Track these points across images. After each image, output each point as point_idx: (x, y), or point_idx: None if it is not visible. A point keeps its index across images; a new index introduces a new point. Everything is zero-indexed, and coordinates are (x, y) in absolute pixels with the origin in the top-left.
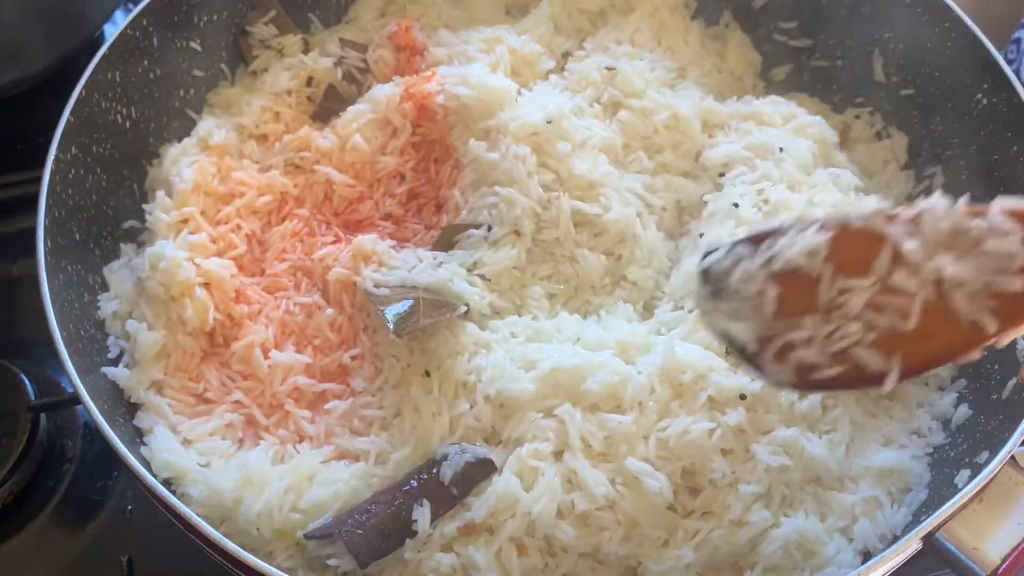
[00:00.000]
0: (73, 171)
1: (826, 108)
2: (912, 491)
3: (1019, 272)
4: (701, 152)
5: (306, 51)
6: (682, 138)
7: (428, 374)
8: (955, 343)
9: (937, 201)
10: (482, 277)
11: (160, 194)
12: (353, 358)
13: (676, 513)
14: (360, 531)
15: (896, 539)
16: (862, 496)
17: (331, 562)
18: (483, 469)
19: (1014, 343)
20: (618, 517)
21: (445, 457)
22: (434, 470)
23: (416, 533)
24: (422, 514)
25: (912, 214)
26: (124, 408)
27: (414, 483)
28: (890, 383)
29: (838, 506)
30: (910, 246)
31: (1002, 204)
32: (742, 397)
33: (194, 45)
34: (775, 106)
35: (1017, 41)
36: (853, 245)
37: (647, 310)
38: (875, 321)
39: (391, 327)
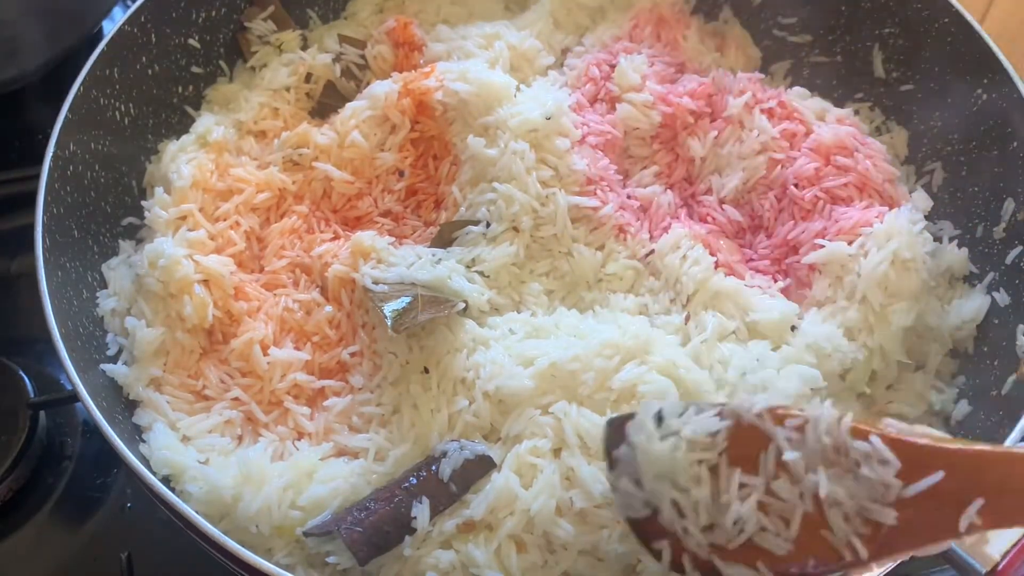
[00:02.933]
0: (71, 168)
1: (825, 103)
2: None
3: (893, 505)
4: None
5: (304, 47)
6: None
7: (427, 371)
8: (829, 560)
9: (823, 413)
10: (480, 274)
11: (159, 191)
12: (352, 355)
13: None
14: (359, 528)
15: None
16: None
17: (330, 559)
18: (482, 466)
19: (1014, 339)
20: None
21: (444, 454)
22: (433, 467)
23: (415, 530)
24: (421, 511)
25: (799, 422)
26: (123, 405)
27: (413, 480)
28: None
29: None
30: (791, 456)
31: (887, 431)
32: None
33: (192, 42)
34: (803, 100)
35: None
36: (746, 439)
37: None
38: (762, 522)
39: (389, 324)
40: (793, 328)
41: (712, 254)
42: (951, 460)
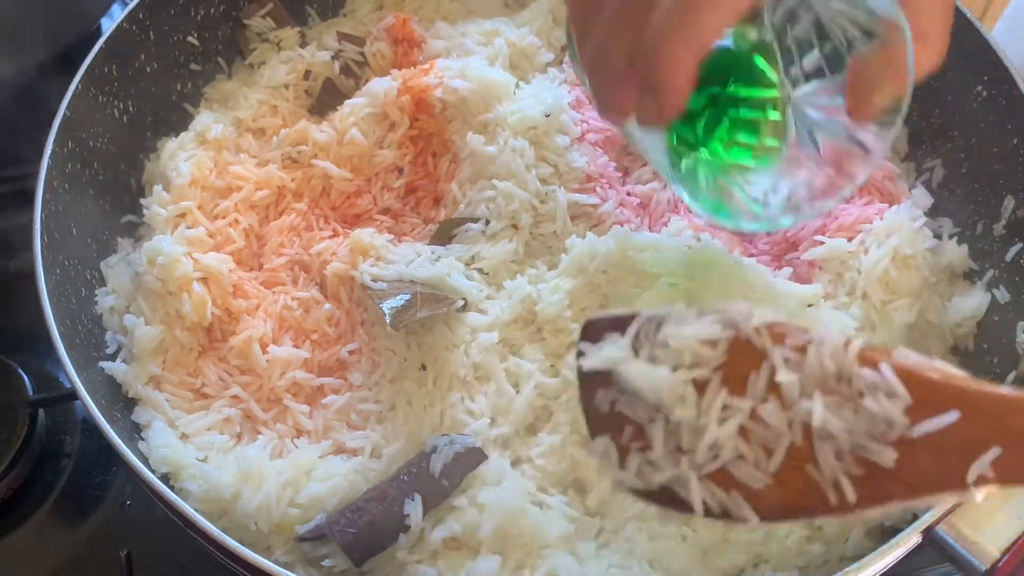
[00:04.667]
0: (70, 166)
1: None
2: None
3: (894, 443)
4: None
5: (303, 45)
6: None
7: (424, 368)
8: (809, 502)
9: (829, 336)
10: (480, 271)
11: (157, 188)
12: (351, 352)
13: None
14: (353, 530)
15: (896, 532)
16: None
17: (326, 562)
18: (472, 458)
19: (1014, 336)
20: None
21: (434, 449)
22: (423, 463)
23: (409, 528)
24: (414, 508)
25: (800, 341)
26: (122, 403)
27: (405, 477)
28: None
29: None
30: (785, 379)
31: (901, 360)
32: None
33: (191, 39)
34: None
35: None
36: (740, 356)
37: None
38: (740, 449)
39: (388, 321)
40: (810, 306)
41: None
42: (969, 401)
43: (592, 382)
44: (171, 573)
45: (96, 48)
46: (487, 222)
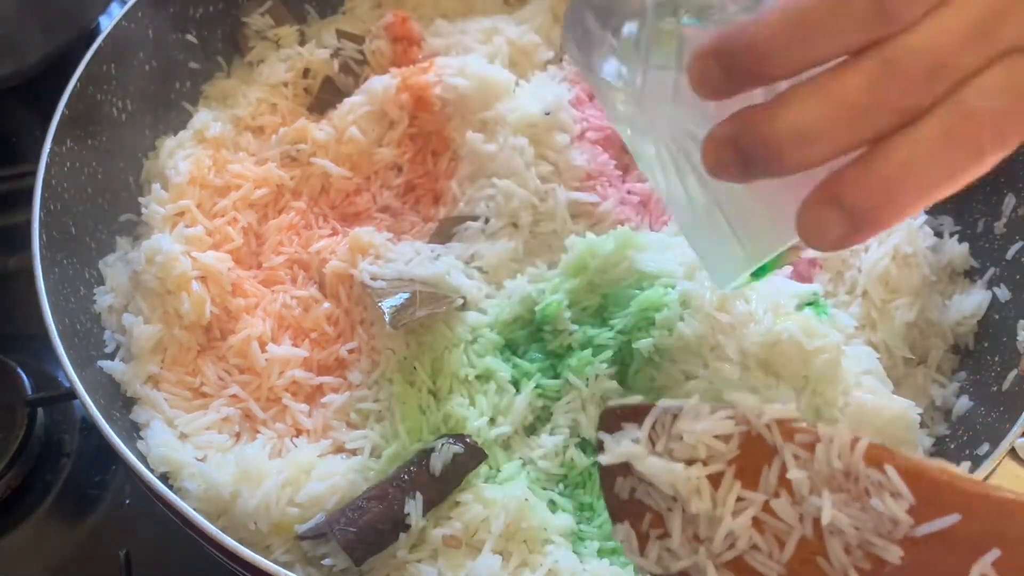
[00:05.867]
0: (68, 164)
1: None
2: None
3: (900, 543)
4: None
5: (302, 43)
6: None
7: (423, 367)
8: None
9: (837, 433)
10: (479, 269)
11: (156, 187)
12: (350, 351)
13: None
14: (353, 529)
15: None
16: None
17: (326, 562)
18: (473, 457)
19: (1014, 335)
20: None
21: (434, 448)
22: (423, 462)
23: (410, 527)
24: (414, 507)
25: (809, 439)
26: (121, 402)
27: (405, 477)
28: None
29: None
30: (796, 476)
31: (905, 461)
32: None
33: (190, 37)
34: None
35: None
36: (753, 449)
37: None
38: (754, 540)
39: (388, 320)
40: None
41: None
42: (971, 503)
43: (612, 470)
44: (170, 572)
45: (95, 46)
46: (487, 220)
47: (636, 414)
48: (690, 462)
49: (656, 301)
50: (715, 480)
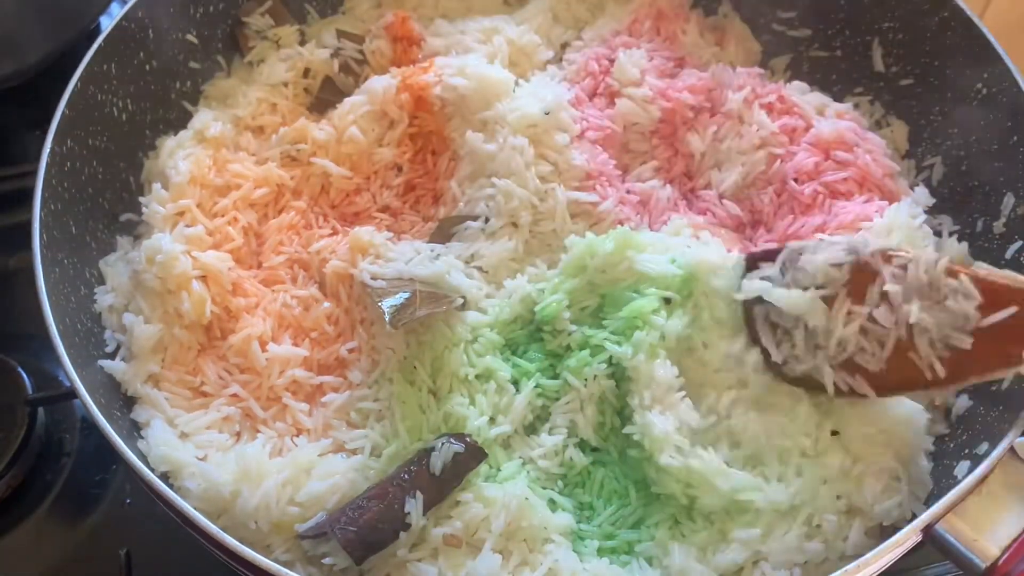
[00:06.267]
0: (69, 164)
1: (825, 98)
2: None
3: (971, 332)
4: None
5: (302, 42)
6: None
7: (423, 366)
8: (912, 380)
9: (925, 254)
10: (479, 269)
11: (156, 187)
12: (350, 351)
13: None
14: (353, 528)
15: (895, 530)
16: None
17: (326, 561)
18: (473, 456)
19: None
20: None
21: (434, 448)
22: (423, 461)
23: (410, 526)
24: (415, 506)
25: (903, 261)
26: (121, 402)
27: (405, 476)
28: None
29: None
30: (893, 289)
31: (976, 271)
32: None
33: (190, 37)
34: (803, 95)
35: None
36: (859, 274)
37: None
38: (861, 343)
39: (387, 319)
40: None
41: None
42: None
43: (750, 302)
44: (170, 571)
45: (95, 47)
46: (486, 220)
47: (770, 255)
48: (809, 287)
49: (644, 313)
50: (829, 303)
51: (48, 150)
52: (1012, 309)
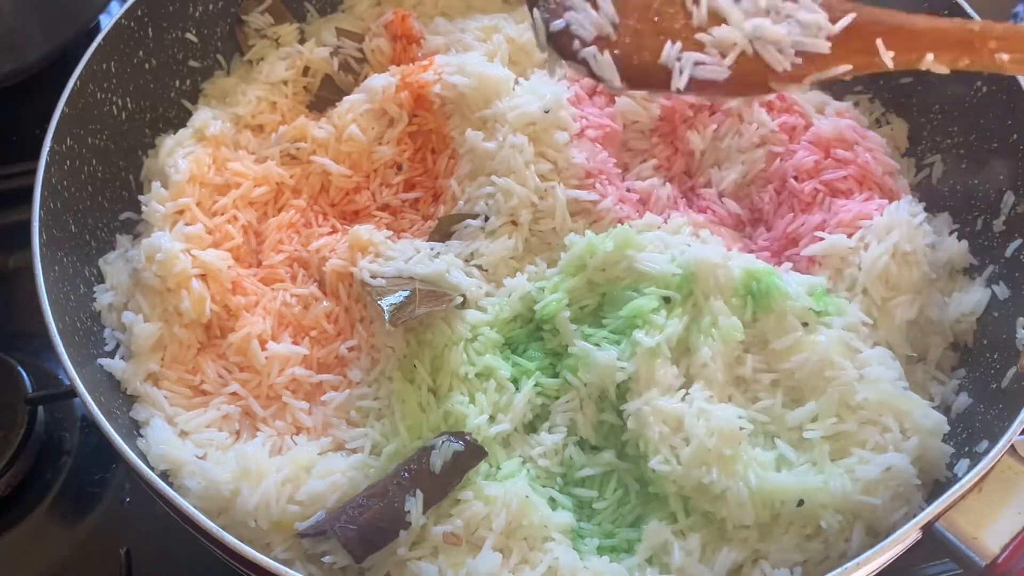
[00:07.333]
0: (68, 162)
1: (825, 96)
2: None
3: (828, 39)
4: None
5: (302, 41)
6: None
7: (423, 364)
8: (758, 76)
9: None
10: (479, 267)
11: (156, 185)
12: (350, 349)
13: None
14: (354, 527)
15: (895, 529)
16: None
17: (326, 559)
18: (473, 455)
19: (1014, 332)
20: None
21: (434, 446)
22: (423, 460)
23: (410, 524)
24: (415, 504)
25: None
26: (121, 400)
27: (405, 474)
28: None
29: None
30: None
31: None
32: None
33: (190, 36)
34: (802, 92)
35: (1014, 16)
36: None
37: None
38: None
39: (387, 318)
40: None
41: None
42: (863, 9)
43: None
44: (171, 570)
45: (94, 45)
46: (486, 218)
47: None
48: None
49: (644, 312)
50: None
51: (48, 148)
52: (852, 15)
